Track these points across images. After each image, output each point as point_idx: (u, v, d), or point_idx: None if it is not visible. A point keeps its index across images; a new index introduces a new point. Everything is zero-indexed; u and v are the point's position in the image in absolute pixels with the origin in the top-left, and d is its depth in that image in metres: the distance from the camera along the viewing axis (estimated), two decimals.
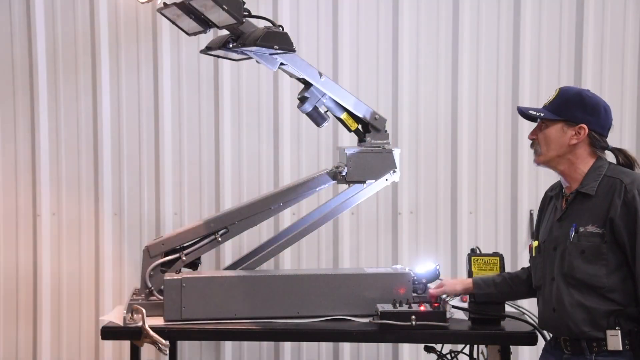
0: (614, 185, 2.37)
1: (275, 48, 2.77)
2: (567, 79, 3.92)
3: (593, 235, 2.37)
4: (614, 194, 2.35)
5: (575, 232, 2.40)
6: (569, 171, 2.48)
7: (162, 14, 2.92)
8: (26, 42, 3.89)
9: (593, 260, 2.36)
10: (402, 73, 3.92)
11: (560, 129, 2.45)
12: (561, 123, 2.45)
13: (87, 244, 3.92)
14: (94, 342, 3.94)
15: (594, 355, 2.36)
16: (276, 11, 3.89)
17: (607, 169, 2.43)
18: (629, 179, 2.37)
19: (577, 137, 2.43)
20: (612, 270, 2.35)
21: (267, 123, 3.92)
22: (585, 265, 2.36)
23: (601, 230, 2.36)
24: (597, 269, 2.36)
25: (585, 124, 2.42)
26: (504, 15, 3.93)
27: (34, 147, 3.89)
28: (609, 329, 2.33)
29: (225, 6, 2.67)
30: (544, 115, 2.48)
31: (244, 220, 3.06)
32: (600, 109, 2.45)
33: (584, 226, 2.39)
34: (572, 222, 2.43)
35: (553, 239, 2.49)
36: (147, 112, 3.90)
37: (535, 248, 2.58)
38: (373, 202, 3.90)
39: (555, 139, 2.46)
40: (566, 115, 2.44)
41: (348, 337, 2.97)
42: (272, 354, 3.94)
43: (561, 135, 2.45)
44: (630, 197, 2.32)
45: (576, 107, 2.44)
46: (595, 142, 2.44)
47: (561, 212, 2.49)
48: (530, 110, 2.53)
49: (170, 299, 2.84)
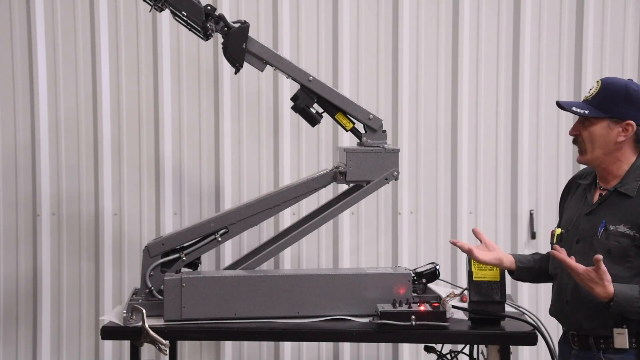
0: None
1: (182, 13, 2.91)
2: (567, 78, 3.92)
3: (623, 236, 2.33)
4: None
5: (604, 230, 2.36)
6: (611, 168, 2.41)
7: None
8: (26, 42, 3.89)
9: (618, 261, 2.33)
10: (402, 73, 3.92)
11: (606, 126, 2.37)
12: (607, 120, 2.36)
13: (87, 244, 3.92)
14: (94, 342, 3.94)
15: (600, 352, 2.35)
16: (276, 11, 3.89)
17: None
18: None
19: (625, 134, 2.36)
20: (636, 274, 2.32)
21: (267, 123, 3.92)
22: (609, 265, 2.30)
23: (633, 232, 2.32)
24: (621, 270, 2.32)
25: (634, 120, 2.34)
26: (504, 15, 3.93)
27: (33, 147, 3.89)
28: (617, 327, 2.32)
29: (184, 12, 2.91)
30: (589, 113, 2.38)
31: (244, 220, 3.06)
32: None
33: (615, 225, 2.35)
34: (602, 218, 2.38)
35: (578, 232, 2.44)
36: (147, 112, 3.90)
37: (558, 236, 2.52)
38: (373, 202, 3.91)
39: (601, 136, 2.37)
40: (612, 112, 2.35)
41: (348, 337, 2.97)
42: (272, 354, 3.94)
43: (607, 133, 2.37)
44: None
45: (622, 102, 2.34)
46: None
47: (592, 206, 2.43)
48: (573, 107, 2.42)
49: (170, 299, 2.84)
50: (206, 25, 2.93)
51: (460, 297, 3.10)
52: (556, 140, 3.93)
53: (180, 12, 2.92)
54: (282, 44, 3.88)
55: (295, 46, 3.91)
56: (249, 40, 2.97)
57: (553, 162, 3.93)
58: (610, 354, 2.34)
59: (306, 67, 3.48)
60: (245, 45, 2.96)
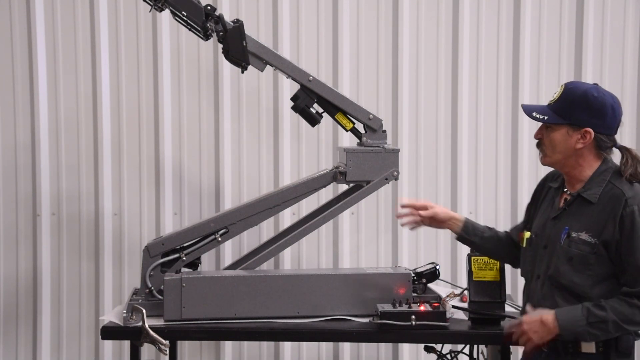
0: (616, 196, 2.32)
1: (182, 13, 2.91)
2: (567, 78, 3.91)
3: (584, 244, 2.34)
4: (614, 206, 2.31)
5: (566, 237, 2.38)
6: (574, 173, 2.43)
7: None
8: (26, 42, 3.89)
9: (580, 269, 2.34)
10: (402, 73, 3.92)
11: (566, 132, 2.38)
12: (566, 127, 2.37)
13: (87, 244, 3.92)
14: (94, 342, 3.94)
15: (568, 356, 2.37)
16: (276, 11, 3.89)
17: (611, 175, 2.38)
18: (631, 192, 2.32)
19: (583, 141, 2.36)
20: (598, 282, 2.34)
21: (267, 123, 3.92)
22: (571, 272, 2.35)
23: (594, 240, 2.33)
24: (583, 278, 2.34)
25: (591, 128, 2.35)
26: (504, 15, 3.93)
27: (33, 147, 3.89)
28: None
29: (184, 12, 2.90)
30: (548, 119, 2.40)
31: (244, 220, 3.06)
32: (607, 110, 2.36)
33: (577, 232, 2.36)
34: (566, 224, 2.40)
35: (545, 237, 2.46)
36: (147, 112, 3.90)
37: (527, 240, 2.54)
38: (373, 202, 3.91)
39: (561, 142, 2.39)
40: (571, 119, 2.36)
41: (348, 337, 2.97)
42: (272, 354, 3.94)
43: (566, 139, 2.38)
44: (629, 212, 2.29)
45: (581, 109, 2.35)
46: (602, 144, 2.39)
47: (558, 211, 2.45)
48: (534, 113, 2.43)
49: (170, 299, 2.84)
50: (206, 25, 2.93)
51: (460, 297, 3.10)
52: None
53: (180, 12, 2.92)
54: (282, 44, 3.88)
55: (295, 46, 3.90)
56: (249, 40, 2.97)
57: None
58: (578, 358, 2.36)
59: (306, 67, 3.48)
60: (245, 42, 2.95)
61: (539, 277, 2.45)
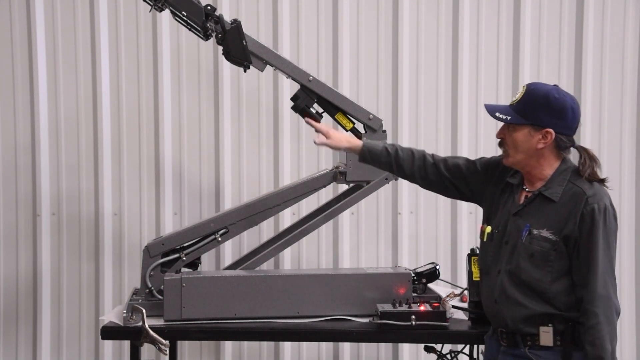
0: (577, 195, 2.37)
1: (182, 13, 2.91)
2: (567, 78, 3.92)
3: (545, 240, 2.39)
4: (575, 204, 2.36)
5: (528, 234, 2.42)
6: (534, 172, 2.47)
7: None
8: (26, 42, 3.89)
9: (540, 265, 2.39)
10: (402, 73, 3.92)
11: (527, 132, 2.42)
12: (528, 127, 2.41)
13: (87, 244, 3.92)
14: (94, 342, 3.94)
15: (527, 348, 2.41)
16: (276, 11, 3.89)
17: (571, 174, 2.42)
18: (591, 191, 2.37)
19: (544, 141, 2.40)
20: (557, 278, 2.38)
21: (267, 123, 3.92)
22: (532, 268, 2.39)
23: (555, 237, 2.38)
24: (543, 274, 2.39)
25: (552, 128, 2.39)
26: (504, 15, 3.93)
27: (33, 147, 3.89)
28: (543, 325, 2.39)
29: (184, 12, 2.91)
30: (511, 119, 2.43)
31: (244, 220, 3.06)
32: (567, 111, 2.40)
33: (538, 229, 2.40)
34: (526, 221, 2.44)
35: (506, 233, 2.49)
36: (147, 112, 3.90)
37: (488, 234, 2.56)
38: (373, 202, 3.91)
39: (522, 142, 2.43)
40: (532, 119, 2.40)
41: (348, 337, 2.97)
42: (272, 354, 3.94)
43: (528, 139, 2.42)
44: (590, 210, 2.33)
45: (542, 110, 2.39)
46: (562, 144, 2.43)
47: (518, 207, 2.48)
48: (496, 113, 2.47)
49: (170, 299, 2.84)
50: (206, 25, 2.93)
51: (460, 297, 3.10)
52: None
53: (180, 12, 2.92)
54: (282, 44, 3.88)
55: (295, 46, 3.91)
56: (248, 39, 2.97)
57: None
58: (536, 350, 2.40)
59: (306, 67, 3.48)
60: (245, 41, 2.95)
61: (499, 272, 2.49)
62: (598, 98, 3.93)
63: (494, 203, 2.60)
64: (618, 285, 3.65)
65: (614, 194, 3.91)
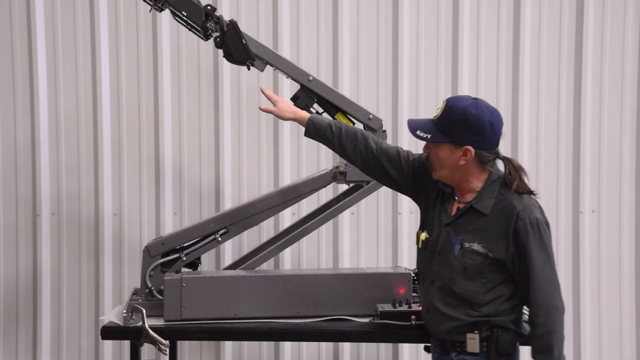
0: (507, 209, 2.38)
1: (182, 13, 2.91)
2: (567, 78, 3.92)
3: (477, 254, 2.40)
4: (506, 219, 2.37)
5: (460, 247, 2.43)
6: (463, 185, 2.47)
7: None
8: (26, 42, 3.89)
9: (474, 278, 2.41)
10: (402, 73, 3.92)
11: (448, 150, 2.42)
12: (448, 144, 2.41)
13: (87, 244, 3.92)
14: (94, 342, 3.94)
15: (455, 354, 2.46)
16: (276, 11, 3.89)
17: (500, 186, 2.42)
18: (521, 205, 2.38)
19: (465, 158, 2.40)
20: (490, 289, 2.41)
21: (267, 123, 3.92)
22: (466, 281, 2.42)
23: (486, 250, 2.39)
24: (476, 286, 2.41)
25: (471, 145, 2.38)
26: (504, 15, 3.93)
27: (33, 147, 3.89)
28: (469, 333, 2.43)
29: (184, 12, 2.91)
30: (431, 137, 2.43)
31: (244, 220, 3.06)
32: (485, 126, 2.38)
33: (469, 242, 2.42)
34: (458, 234, 2.44)
35: (439, 243, 2.50)
36: (147, 112, 3.90)
37: (422, 241, 2.57)
38: (373, 202, 3.91)
39: (445, 159, 2.43)
40: (451, 137, 2.40)
41: (348, 337, 2.97)
42: (272, 354, 3.94)
43: (450, 156, 2.42)
44: (522, 225, 2.35)
45: (460, 128, 2.38)
46: (484, 159, 2.42)
47: (450, 219, 2.48)
48: (417, 131, 2.47)
49: (170, 299, 2.84)
50: (206, 25, 2.93)
51: None
52: (556, 140, 3.93)
53: (180, 12, 2.92)
54: (282, 44, 3.88)
55: (295, 46, 3.91)
56: (248, 39, 2.97)
57: (553, 162, 3.93)
58: (464, 356, 2.45)
59: (306, 67, 3.48)
60: (245, 40, 2.95)
61: (433, 281, 2.51)
62: (598, 98, 3.93)
63: (428, 208, 2.60)
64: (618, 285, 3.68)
65: (614, 194, 3.94)
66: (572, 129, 3.93)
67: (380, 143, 2.67)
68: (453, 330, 2.45)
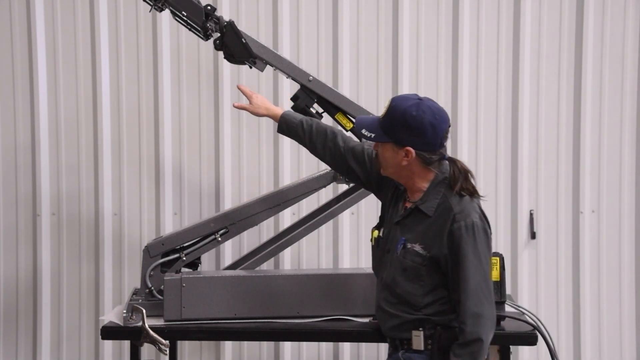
0: (446, 211, 2.37)
1: (182, 13, 2.91)
2: (567, 78, 3.91)
3: (417, 255, 2.40)
4: (444, 221, 2.36)
5: (402, 247, 2.43)
6: (410, 184, 2.46)
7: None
8: (26, 42, 3.89)
9: (413, 279, 2.41)
10: (402, 73, 3.91)
11: (391, 149, 2.41)
12: (391, 144, 2.40)
13: (87, 244, 3.92)
14: (94, 342, 3.94)
15: (402, 352, 2.48)
16: (276, 11, 3.89)
17: (445, 187, 2.41)
18: (459, 207, 2.36)
19: (407, 158, 2.39)
20: (430, 291, 2.41)
21: (267, 123, 3.92)
22: (405, 282, 2.42)
23: (425, 252, 2.39)
24: (415, 288, 2.41)
25: (411, 146, 2.37)
26: (504, 15, 3.93)
27: (33, 147, 3.89)
28: (414, 330, 2.43)
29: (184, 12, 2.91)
30: (375, 137, 2.42)
31: (244, 220, 3.07)
32: (426, 128, 2.36)
33: (412, 243, 2.42)
34: (403, 233, 2.45)
35: (389, 241, 2.51)
36: (147, 112, 3.90)
37: (375, 239, 2.58)
38: (373, 202, 3.90)
39: (389, 158, 2.43)
40: (393, 137, 2.39)
41: (348, 337, 2.98)
42: (272, 354, 3.94)
43: (393, 155, 2.41)
44: (457, 227, 2.33)
45: (401, 128, 2.37)
46: (427, 160, 2.40)
47: (398, 217, 2.49)
48: (363, 130, 2.45)
49: (170, 299, 2.84)
50: (206, 25, 2.93)
51: None
52: (556, 140, 3.93)
53: (180, 12, 2.92)
54: (282, 44, 3.88)
55: (295, 46, 3.91)
56: (248, 39, 2.96)
57: (553, 162, 3.93)
58: (410, 354, 2.46)
59: (306, 67, 3.48)
60: (244, 39, 2.95)
61: (381, 279, 2.53)
62: (598, 98, 3.93)
63: (385, 206, 2.61)
64: (618, 285, 3.68)
65: (614, 194, 3.94)
66: (572, 129, 3.93)
67: (349, 141, 2.69)
68: (396, 327, 2.46)
